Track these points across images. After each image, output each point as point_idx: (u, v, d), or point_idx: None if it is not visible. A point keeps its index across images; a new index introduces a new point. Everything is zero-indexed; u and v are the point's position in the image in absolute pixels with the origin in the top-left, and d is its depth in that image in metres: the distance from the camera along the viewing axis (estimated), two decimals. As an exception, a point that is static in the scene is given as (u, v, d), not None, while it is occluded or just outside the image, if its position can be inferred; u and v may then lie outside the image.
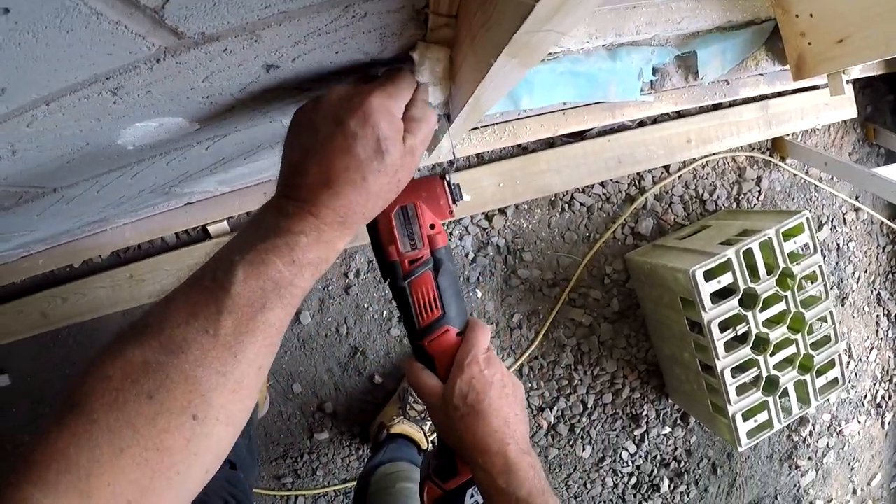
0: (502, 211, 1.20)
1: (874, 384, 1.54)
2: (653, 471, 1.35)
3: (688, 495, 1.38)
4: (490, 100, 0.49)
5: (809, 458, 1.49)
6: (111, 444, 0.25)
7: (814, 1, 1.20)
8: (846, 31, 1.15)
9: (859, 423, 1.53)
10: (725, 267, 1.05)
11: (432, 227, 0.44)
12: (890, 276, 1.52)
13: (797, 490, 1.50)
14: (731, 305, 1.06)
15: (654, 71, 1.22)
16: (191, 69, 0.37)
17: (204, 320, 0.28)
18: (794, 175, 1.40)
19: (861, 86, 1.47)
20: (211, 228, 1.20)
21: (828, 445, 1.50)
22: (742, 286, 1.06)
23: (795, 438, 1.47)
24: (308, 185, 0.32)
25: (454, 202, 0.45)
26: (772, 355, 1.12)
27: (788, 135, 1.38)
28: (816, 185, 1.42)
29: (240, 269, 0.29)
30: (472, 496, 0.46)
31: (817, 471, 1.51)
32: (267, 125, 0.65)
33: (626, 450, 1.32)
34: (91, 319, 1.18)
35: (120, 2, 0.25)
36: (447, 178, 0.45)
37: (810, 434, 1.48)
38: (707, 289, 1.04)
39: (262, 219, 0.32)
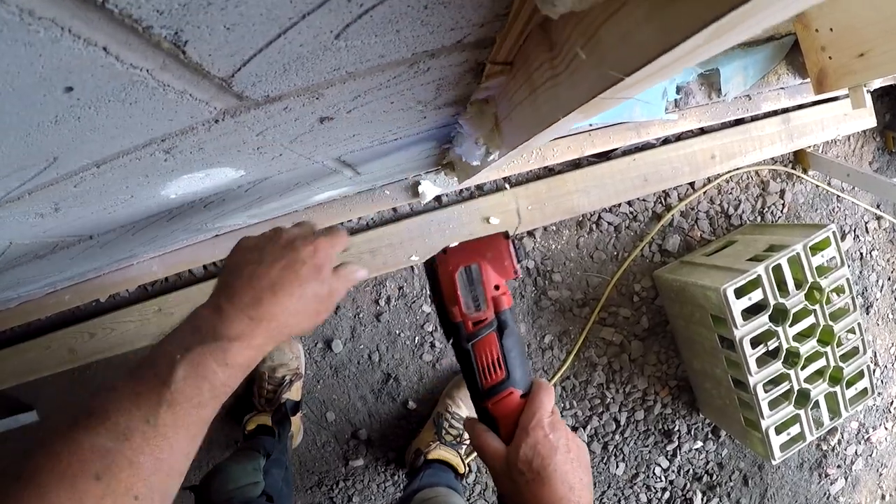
0: (531, 233, 1.20)
1: (900, 390, 1.54)
2: (686, 485, 1.35)
3: (720, 508, 1.38)
4: (541, 142, 0.50)
5: (839, 467, 1.49)
6: None
7: (834, 16, 1.20)
8: (867, 46, 1.15)
9: (886, 429, 1.53)
10: (755, 283, 1.06)
11: (497, 287, 0.44)
12: (911, 281, 1.53)
13: (827, 498, 1.50)
14: (762, 321, 1.07)
15: (678, 90, 1.22)
16: (247, 126, 0.37)
17: (147, 411, 0.31)
18: (817, 186, 1.40)
19: (879, 95, 1.47)
20: (239, 258, 1.20)
21: (856, 453, 1.51)
22: (772, 302, 1.07)
23: (824, 447, 1.47)
24: (255, 291, 0.37)
25: (519, 261, 0.44)
26: (802, 368, 1.13)
27: (810, 147, 1.39)
28: (838, 196, 1.43)
29: (180, 367, 0.32)
30: None
31: (846, 478, 1.51)
32: (309, 167, 0.66)
33: (659, 465, 1.32)
34: (119, 354, 1.18)
35: (188, 72, 0.25)
36: (512, 238, 0.44)
37: (839, 442, 1.48)
38: (738, 306, 1.04)
39: (202, 320, 0.36)
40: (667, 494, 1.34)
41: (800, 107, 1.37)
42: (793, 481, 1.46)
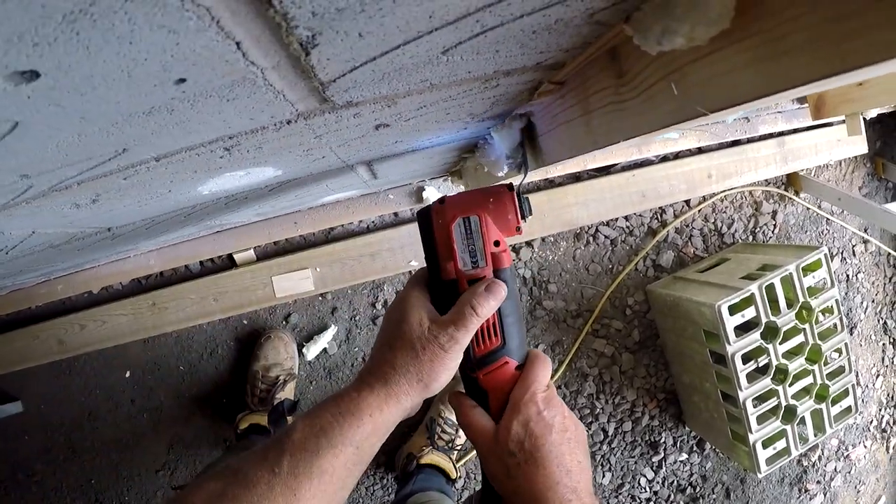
0: (529, 243, 1.22)
1: (880, 410, 1.58)
2: (670, 496, 1.37)
3: (702, 520, 1.40)
4: (579, 157, 0.50)
5: (818, 482, 1.53)
6: None
7: None
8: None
9: (865, 447, 1.57)
10: (748, 301, 1.08)
11: (497, 244, 0.39)
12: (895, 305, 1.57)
13: (805, 513, 1.53)
14: (754, 338, 1.09)
15: (678, 108, 1.25)
16: (312, 129, 0.36)
17: (272, 461, 0.33)
18: (808, 209, 1.44)
19: (871, 122, 1.51)
20: (237, 257, 1.19)
21: (835, 469, 1.54)
22: (764, 320, 1.09)
23: (805, 463, 1.51)
24: (373, 356, 0.39)
25: (523, 218, 0.40)
26: (790, 385, 1.16)
27: (803, 170, 1.42)
28: (828, 219, 1.46)
29: (300, 421, 0.35)
30: None
31: (825, 494, 1.54)
32: (340, 169, 0.65)
33: (645, 476, 1.34)
34: (110, 347, 1.16)
35: (295, 74, 0.24)
36: (517, 189, 0.40)
37: (819, 458, 1.52)
38: (731, 322, 1.07)
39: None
40: (651, 505, 1.36)
41: (795, 131, 1.40)
42: (773, 495, 1.49)
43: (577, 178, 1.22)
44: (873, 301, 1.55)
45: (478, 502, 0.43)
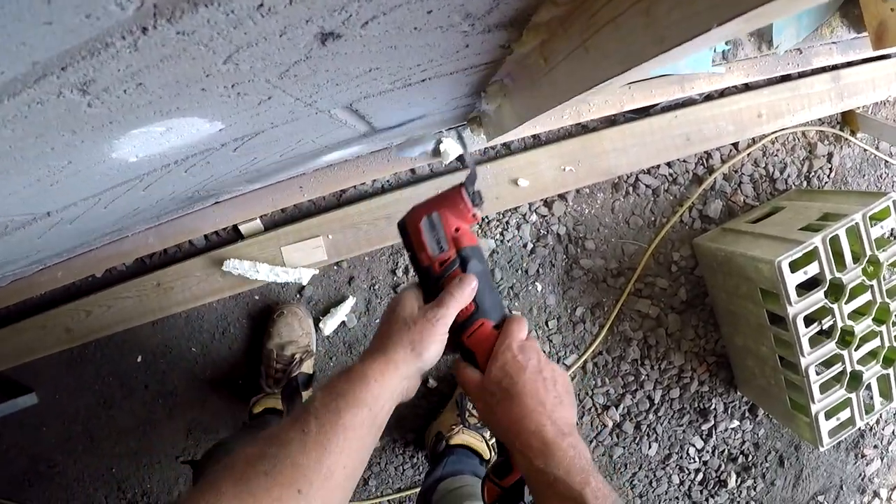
0: (562, 196, 1.10)
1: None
2: (720, 466, 1.28)
3: (754, 489, 1.31)
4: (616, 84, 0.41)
5: (875, 447, 1.42)
6: None
7: None
8: None
9: (926, 408, 1.46)
10: (811, 256, 0.96)
11: (457, 230, 0.47)
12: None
13: (862, 479, 1.44)
14: (818, 298, 0.98)
15: (727, 41, 1.11)
16: (201, 44, 0.24)
17: (301, 423, 0.38)
18: (865, 150, 1.30)
19: (933, 49, 1.36)
20: (243, 228, 1.10)
21: (893, 433, 1.44)
22: (829, 276, 0.97)
23: (862, 427, 1.40)
24: (374, 338, 0.48)
25: (475, 205, 0.47)
26: (856, 349, 1.04)
27: (859, 107, 1.28)
28: (887, 161, 1.32)
29: (318, 391, 0.42)
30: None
31: (882, 459, 1.44)
32: (311, 118, 0.53)
33: (694, 445, 1.24)
34: (119, 332, 1.10)
35: None
36: (465, 186, 0.48)
37: (877, 422, 1.41)
38: (793, 280, 0.95)
39: None
40: (700, 476, 1.27)
41: (849, 64, 1.25)
42: (828, 462, 1.39)
43: (612, 121, 1.10)
44: (936, 250, 1.41)
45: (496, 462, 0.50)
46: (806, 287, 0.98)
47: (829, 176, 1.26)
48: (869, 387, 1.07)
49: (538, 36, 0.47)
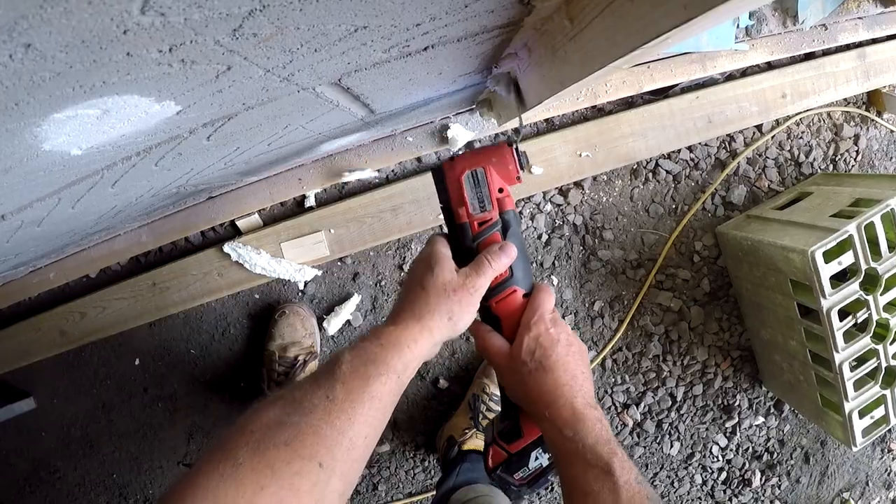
0: (578, 184, 1.04)
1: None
2: (744, 464, 1.22)
3: (779, 487, 1.26)
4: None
5: (903, 441, 1.37)
6: (254, 483, 0.30)
7: None
8: None
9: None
10: (845, 245, 0.90)
11: (500, 190, 0.46)
12: None
13: (888, 475, 1.38)
14: (853, 289, 0.92)
15: (751, 15, 1.05)
16: None
17: (326, 388, 0.36)
18: (892, 132, 1.24)
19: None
20: (240, 223, 1.04)
21: (922, 426, 1.38)
22: (864, 266, 0.91)
23: None
24: (406, 297, 0.45)
25: (521, 168, 0.46)
26: (892, 343, 0.98)
27: (886, 87, 1.22)
28: (917, 141, 1.26)
29: (346, 352, 0.39)
30: (537, 458, 0.47)
31: (910, 453, 1.39)
32: (293, 97, 0.45)
33: (717, 444, 1.19)
34: (115, 335, 1.05)
35: None
36: (515, 145, 0.47)
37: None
38: (827, 271, 0.89)
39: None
40: (724, 475, 1.21)
41: (874, 41, 1.19)
42: (854, 457, 1.34)
43: (630, 104, 1.04)
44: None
45: (498, 420, 0.50)
46: (838, 278, 0.92)
47: (855, 159, 1.20)
48: (904, 382, 1.01)
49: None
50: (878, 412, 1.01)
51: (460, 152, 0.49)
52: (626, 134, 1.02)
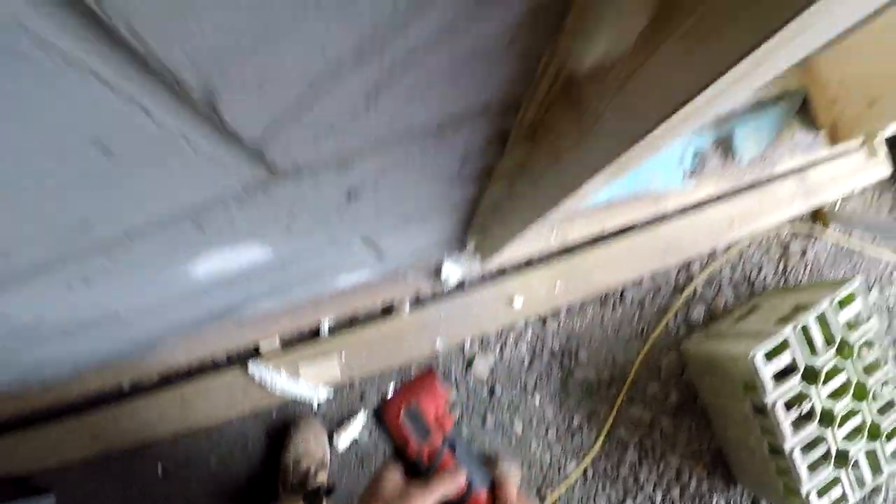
0: (555, 313, 1.19)
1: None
2: (726, 561, 1.30)
3: (763, 581, 1.32)
4: (564, 210, 0.50)
5: (882, 526, 1.44)
6: None
7: (842, 69, 1.21)
8: (876, 94, 1.16)
9: (929, 484, 1.48)
10: (784, 345, 1.04)
11: (437, 415, 0.49)
12: (941, 326, 1.49)
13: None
14: (793, 384, 1.05)
15: (694, 156, 1.23)
16: (277, 201, 0.37)
17: None
18: (837, 243, 1.39)
19: (891, 144, 1.47)
20: (262, 345, 1.19)
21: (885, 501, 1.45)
22: (802, 363, 1.05)
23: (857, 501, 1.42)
24: None
25: (446, 389, 0.51)
26: (839, 427, 1.10)
27: (827, 203, 1.38)
28: (860, 250, 1.41)
29: None
30: None
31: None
32: (334, 248, 0.64)
33: (698, 542, 1.27)
34: (142, 442, 1.16)
35: (215, 134, 0.24)
36: (435, 369, 0.52)
37: (884, 500, 1.43)
38: (768, 371, 1.02)
39: None
40: (708, 571, 1.29)
41: (814, 164, 1.36)
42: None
43: (597, 240, 1.20)
44: (919, 328, 1.47)
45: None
46: (785, 374, 1.04)
47: (805, 271, 1.35)
48: (857, 463, 1.12)
49: (502, 178, 0.56)
50: (836, 492, 1.10)
51: (390, 395, 0.52)
52: (594, 267, 1.18)
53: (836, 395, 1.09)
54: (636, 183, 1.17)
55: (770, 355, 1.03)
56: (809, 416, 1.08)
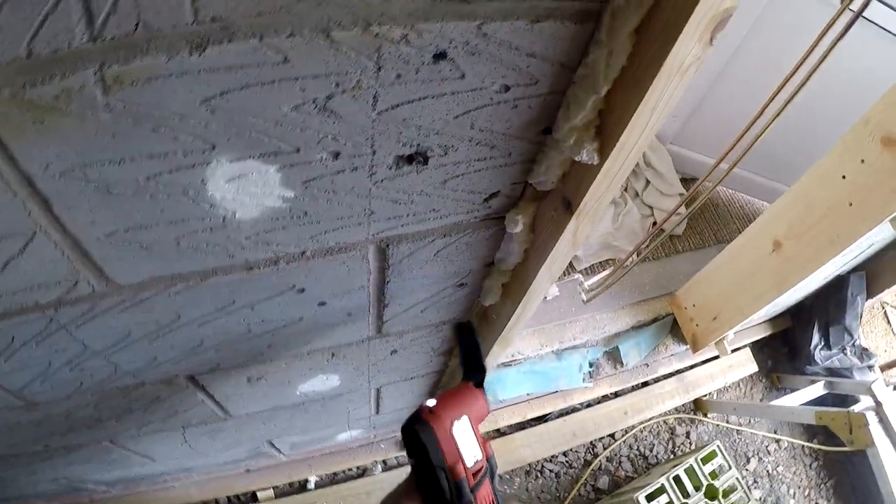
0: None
1: None
2: None
3: None
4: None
5: None
6: None
7: (695, 295, 1.73)
8: (716, 311, 1.65)
9: None
10: (662, 490, 1.40)
11: (481, 434, 0.43)
12: (822, 485, 1.82)
13: None
14: None
15: (591, 364, 1.70)
16: (368, 349, 0.71)
17: None
18: (717, 425, 1.80)
19: (760, 346, 1.94)
20: (260, 495, 1.55)
21: None
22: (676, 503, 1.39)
23: None
24: None
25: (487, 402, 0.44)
26: None
27: (705, 395, 1.82)
28: (737, 430, 1.81)
29: None
30: None
31: None
32: (362, 393, 0.97)
33: None
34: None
35: (377, 326, 0.62)
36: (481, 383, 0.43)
37: None
38: None
39: None
40: None
41: (692, 366, 1.83)
42: None
43: (521, 426, 1.63)
44: (799, 487, 1.81)
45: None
46: None
47: (690, 448, 1.74)
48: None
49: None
50: None
51: (430, 402, 0.42)
52: (519, 445, 1.59)
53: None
54: (549, 384, 1.63)
55: (650, 497, 1.39)
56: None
